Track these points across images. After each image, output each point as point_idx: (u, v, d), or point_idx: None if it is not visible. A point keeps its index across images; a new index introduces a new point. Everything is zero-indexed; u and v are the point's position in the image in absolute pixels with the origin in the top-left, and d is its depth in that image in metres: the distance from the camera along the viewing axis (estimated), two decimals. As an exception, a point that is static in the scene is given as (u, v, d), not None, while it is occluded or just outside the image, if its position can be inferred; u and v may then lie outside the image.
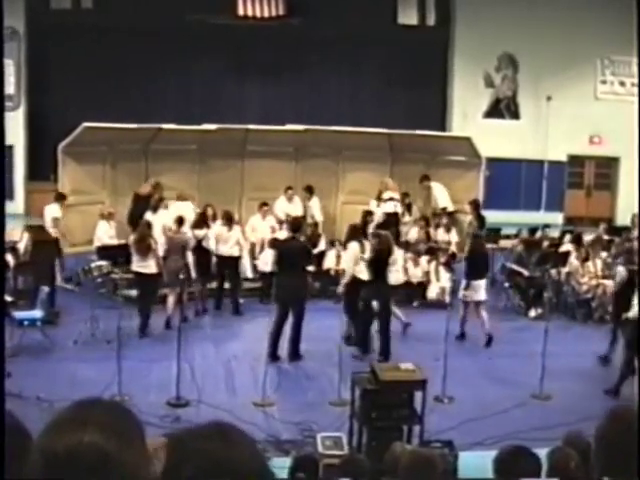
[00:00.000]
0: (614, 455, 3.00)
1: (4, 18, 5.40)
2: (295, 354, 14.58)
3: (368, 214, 18.73)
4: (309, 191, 20.57)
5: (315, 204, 20.65)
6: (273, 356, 14.24)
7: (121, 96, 27.13)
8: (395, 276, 15.42)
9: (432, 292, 18.43)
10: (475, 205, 20.02)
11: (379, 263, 14.79)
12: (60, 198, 18.62)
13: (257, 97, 28.56)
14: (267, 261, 18.28)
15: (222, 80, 28.26)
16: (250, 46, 27.98)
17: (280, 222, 19.66)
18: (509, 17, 27.97)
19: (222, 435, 2.33)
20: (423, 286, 18.70)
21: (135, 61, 27.47)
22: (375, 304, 14.93)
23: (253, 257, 19.19)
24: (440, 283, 18.43)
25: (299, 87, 28.85)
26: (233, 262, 17.82)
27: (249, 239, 19.14)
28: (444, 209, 20.29)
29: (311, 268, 18.59)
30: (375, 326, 14.99)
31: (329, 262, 19.14)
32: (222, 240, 17.59)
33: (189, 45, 27.80)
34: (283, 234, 17.77)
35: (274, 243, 16.72)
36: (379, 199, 19.62)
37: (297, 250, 15.01)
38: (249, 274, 18.90)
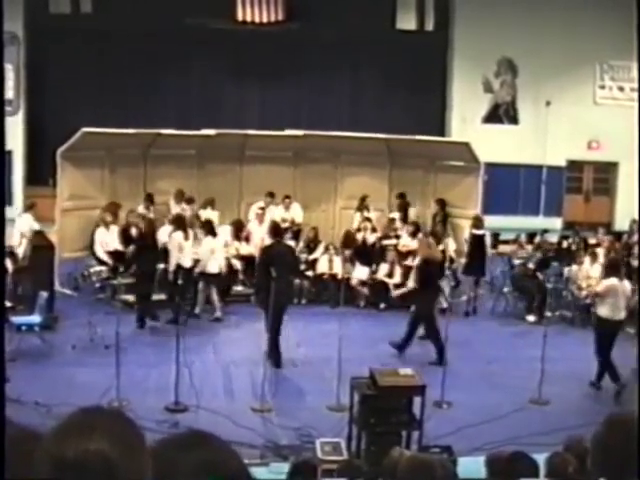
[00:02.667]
0: (612, 462, 3.00)
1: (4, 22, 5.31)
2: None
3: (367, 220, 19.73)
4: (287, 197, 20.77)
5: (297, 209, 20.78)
6: (279, 363, 14.31)
7: (120, 101, 27.14)
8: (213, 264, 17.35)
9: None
10: (442, 204, 20.34)
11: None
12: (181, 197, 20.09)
13: (256, 102, 28.56)
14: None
15: (221, 85, 28.27)
16: (249, 51, 27.98)
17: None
18: (508, 22, 27.96)
19: (203, 443, 2.35)
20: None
21: (134, 65, 27.45)
22: None
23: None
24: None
25: (298, 92, 28.84)
26: None
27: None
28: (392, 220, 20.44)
29: (309, 273, 18.86)
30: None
31: (322, 267, 19.26)
32: None
33: (188, 50, 27.79)
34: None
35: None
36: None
37: (284, 254, 15.12)
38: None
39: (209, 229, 17.58)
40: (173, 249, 17.07)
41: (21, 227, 17.95)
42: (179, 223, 17.52)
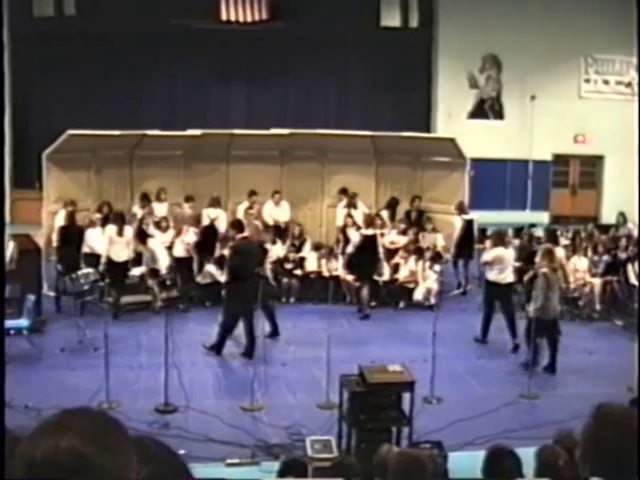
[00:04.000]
0: (602, 454, 3.00)
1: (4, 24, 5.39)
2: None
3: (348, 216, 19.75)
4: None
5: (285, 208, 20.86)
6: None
7: (105, 103, 27.09)
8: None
9: (418, 293, 18.46)
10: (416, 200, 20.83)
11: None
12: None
13: (242, 101, 28.55)
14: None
15: (207, 85, 28.25)
16: (234, 50, 27.97)
17: (267, 226, 19.78)
18: (492, 17, 28.02)
19: (151, 457, 2.35)
20: (409, 288, 18.73)
21: (119, 67, 27.40)
22: None
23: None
24: (426, 284, 18.47)
25: (284, 91, 28.86)
26: None
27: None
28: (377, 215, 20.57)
29: (297, 272, 18.90)
30: None
31: (311, 265, 19.30)
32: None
33: (173, 50, 27.76)
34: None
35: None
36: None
37: (253, 250, 15.48)
38: None
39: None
40: (104, 241, 17.58)
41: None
42: (117, 218, 17.95)
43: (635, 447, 2.92)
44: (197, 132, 20.38)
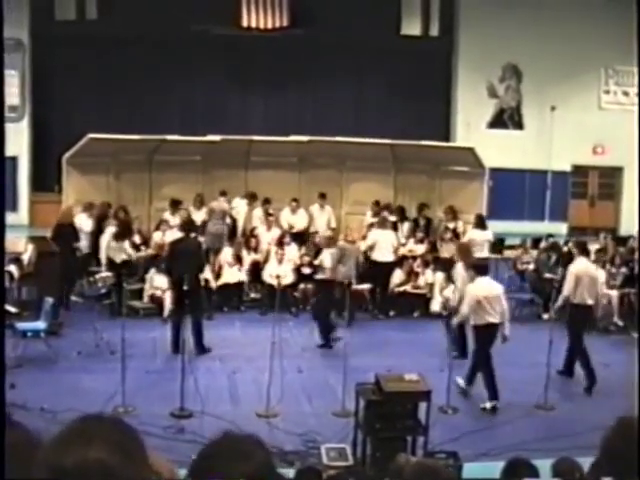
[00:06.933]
0: (621, 466, 3.00)
1: (4, 28, 5.37)
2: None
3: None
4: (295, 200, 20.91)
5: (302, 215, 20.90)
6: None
7: (125, 107, 27.18)
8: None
9: (435, 304, 18.33)
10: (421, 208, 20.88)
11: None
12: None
13: (261, 108, 28.58)
14: (272, 272, 18.35)
15: (226, 91, 28.29)
16: (254, 57, 28.02)
17: (284, 233, 19.82)
18: (513, 27, 27.98)
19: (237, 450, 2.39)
20: (425, 298, 18.66)
21: (139, 72, 27.51)
22: None
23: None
24: (444, 293, 18.37)
25: (302, 98, 28.88)
26: None
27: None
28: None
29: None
30: None
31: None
32: None
33: (193, 56, 27.84)
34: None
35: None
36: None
37: (191, 249, 15.53)
38: None
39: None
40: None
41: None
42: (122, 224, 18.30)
43: None
44: (216, 138, 20.42)
